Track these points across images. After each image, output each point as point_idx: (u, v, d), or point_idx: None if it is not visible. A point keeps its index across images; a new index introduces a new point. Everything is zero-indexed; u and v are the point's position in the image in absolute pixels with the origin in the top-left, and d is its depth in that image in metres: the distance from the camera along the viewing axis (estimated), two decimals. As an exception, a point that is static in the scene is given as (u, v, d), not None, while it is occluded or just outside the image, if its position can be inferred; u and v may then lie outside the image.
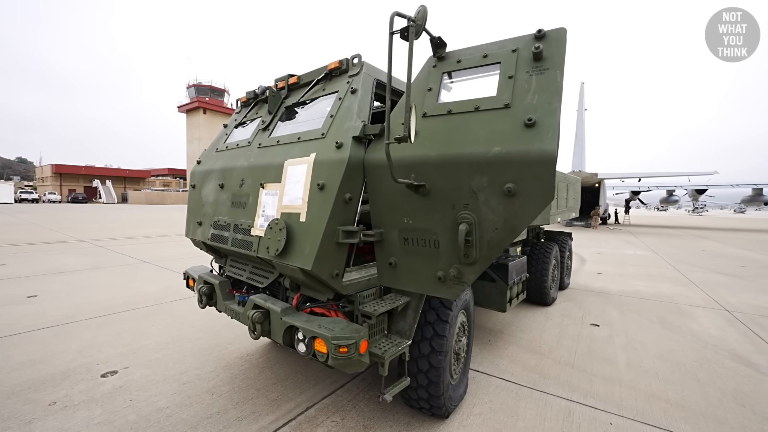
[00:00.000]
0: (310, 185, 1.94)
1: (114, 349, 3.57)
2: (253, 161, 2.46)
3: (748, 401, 2.90)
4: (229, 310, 2.56)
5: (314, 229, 1.87)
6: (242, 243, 2.37)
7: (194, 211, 2.99)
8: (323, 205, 1.86)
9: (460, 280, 1.73)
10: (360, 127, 1.91)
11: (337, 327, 1.86)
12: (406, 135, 1.32)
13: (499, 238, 1.59)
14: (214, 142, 3.19)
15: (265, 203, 2.23)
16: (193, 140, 64.10)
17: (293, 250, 1.96)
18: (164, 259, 8.47)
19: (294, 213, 2.01)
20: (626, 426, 2.57)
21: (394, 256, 1.94)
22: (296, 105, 2.54)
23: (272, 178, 2.23)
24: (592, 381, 3.24)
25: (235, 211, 2.50)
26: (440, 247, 1.76)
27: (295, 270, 1.94)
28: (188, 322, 4.40)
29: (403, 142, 1.37)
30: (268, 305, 2.15)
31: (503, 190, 1.52)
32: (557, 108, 1.47)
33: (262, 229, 2.20)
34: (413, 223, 1.83)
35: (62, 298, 5.25)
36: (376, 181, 1.90)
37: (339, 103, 2.12)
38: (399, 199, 1.84)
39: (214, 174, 2.81)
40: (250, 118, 2.97)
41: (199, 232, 2.86)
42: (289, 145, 2.26)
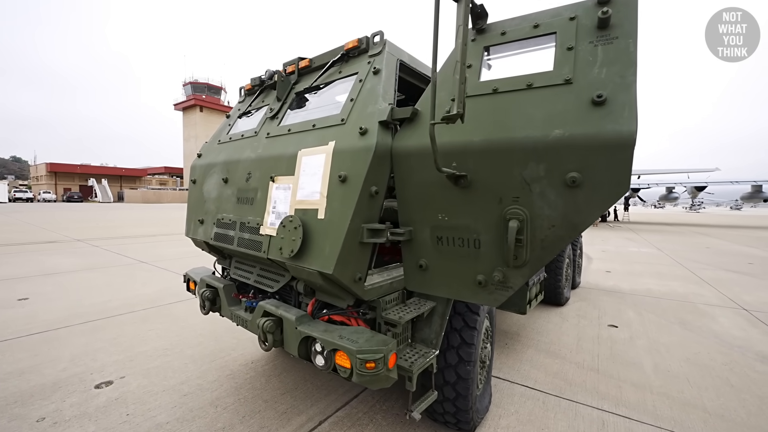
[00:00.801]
0: (330, 177, 1.72)
1: (109, 356, 3.34)
2: (261, 152, 2.23)
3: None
4: (235, 317, 2.34)
5: (335, 228, 1.65)
6: (250, 243, 2.15)
7: (195, 209, 2.76)
8: (346, 200, 1.64)
9: (504, 286, 1.52)
10: (387, 110, 1.68)
11: (361, 338, 1.64)
12: (459, 111, 1.10)
13: (555, 237, 1.37)
14: (216, 134, 2.96)
15: (275, 198, 2.01)
16: (190, 138, 63.51)
17: (310, 251, 1.74)
18: (162, 259, 8.22)
19: (311, 209, 1.78)
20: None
21: (424, 258, 1.72)
22: (308, 90, 2.30)
23: (284, 171, 2.00)
24: (621, 387, 3.05)
25: (242, 207, 2.27)
26: (481, 247, 1.54)
27: (313, 274, 1.72)
28: (188, 325, 4.17)
29: (454, 120, 1.15)
30: (280, 312, 1.93)
31: (565, 180, 1.31)
32: (632, 82, 1.26)
33: (273, 227, 1.98)
34: (449, 220, 1.61)
35: (55, 300, 5.00)
36: (407, 172, 1.68)
37: (360, 85, 1.90)
38: (433, 192, 1.62)
39: (216, 168, 2.58)
40: (255, 107, 2.73)
41: (200, 231, 2.63)
42: (302, 133, 2.03)
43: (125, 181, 64.54)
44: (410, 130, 1.68)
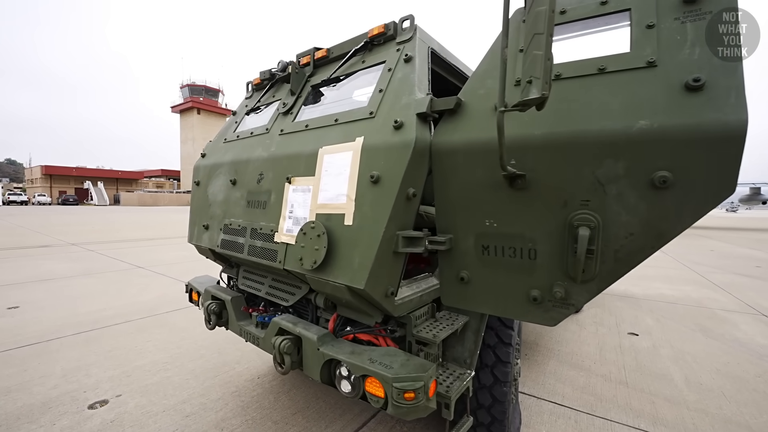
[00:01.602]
0: (359, 178, 1.52)
1: (104, 371, 3.11)
2: (275, 151, 2.02)
3: (841, 428, 2.53)
4: (245, 333, 2.12)
5: (367, 236, 1.45)
6: (263, 252, 1.94)
7: (199, 213, 2.54)
8: (379, 204, 1.44)
9: (565, 303, 1.32)
10: (425, 100, 1.48)
11: (395, 362, 1.44)
12: (544, 94, 0.90)
13: (633, 247, 1.18)
14: (222, 132, 2.75)
15: (292, 202, 1.80)
16: (187, 141, 63.17)
17: (336, 263, 1.54)
18: (159, 264, 7.96)
19: (335, 214, 1.58)
20: (716, 464, 2.18)
21: (466, 270, 1.51)
22: (327, 82, 2.10)
23: (302, 171, 1.80)
24: (655, 403, 2.85)
25: (252, 212, 2.06)
26: (537, 258, 1.35)
27: (340, 288, 1.52)
28: (188, 336, 3.94)
29: (532, 106, 0.94)
30: (298, 331, 1.72)
31: (652, 180, 1.11)
32: (738, 63, 1.08)
33: (290, 234, 1.77)
34: (499, 227, 1.41)
35: (47, 309, 4.75)
36: (449, 172, 1.48)
37: (389, 75, 1.70)
38: (480, 194, 1.42)
39: (223, 168, 2.37)
40: (265, 102, 2.53)
41: (205, 238, 2.42)
42: (322, 129, 1.83)
43: (121, 183, 63.98)
44: (453, 123, 1.48)
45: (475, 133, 1.40)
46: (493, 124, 1.36)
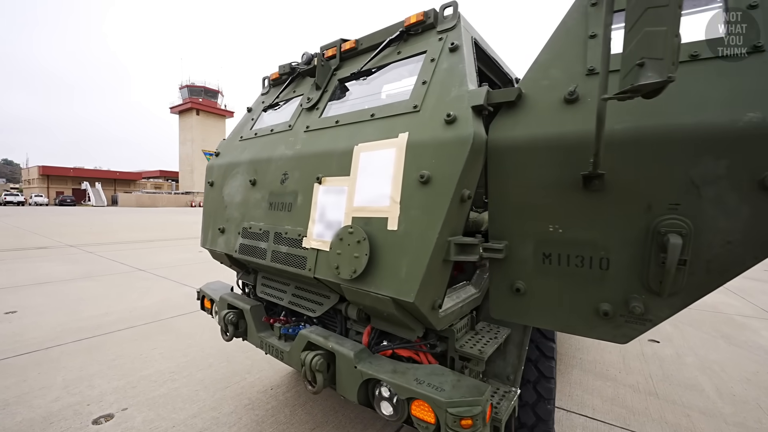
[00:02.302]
0: (404, 178, 1.38)
1: (108, 382, 2.94)
2: (301, 149, 1.88)
3: None
4: (266, 345, 1.97)
5: (416, 242, 1.31)
6: (289, 258, 1.79)
7: (214, 215, 2.39)
8: (431, 207, 1.30)
9: (642, 318, 1.18)
10: (481, 92, 1.34)
11: (445, 383, 1.29)
12: (669, 77, 0.76)
13: (731, 257, 1.04)
14: (237, 130, 2.60)
15: (323, 204, 1.66)
16: (186, 142, 62.95)
17: (379, 272, 1.40)
18: (161, 267, 7.79)
19: (376, 218, 1.44)
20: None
21: (522, 280, 1.37)
22: (357, 75, 1.95)
23: (334, 170, 1.66)
24: (690, 416, 2.71)
25: (276, 215, 1.91)
26: (610, 268, 1.20)
27: (383, 301, 1.37)
28: (195, 343, 3.78)
29: (646, 92, 0.81)
30: (331, 346, 1.57)
31: (763, 181, 0.98)
32: None
33: (321, 240, 1.63)
34: (565, 233, 1.26)
35: (46, 314, 4.58)
36: (508, 171, 1.33)
37: (432, 65, 1.56)
38: (544, 196, 1.28)
39: (240, 167, 2.22)
40: (285, 98, 2.38)
41: (221, 242, 2.26)
42: (356, 125, 1.69)
43: (119, 184, 63.61)
44: (512, 117, 1.34)
45: (541, 127, 1.26)
46: (561, 117, 1.22)
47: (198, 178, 61.52)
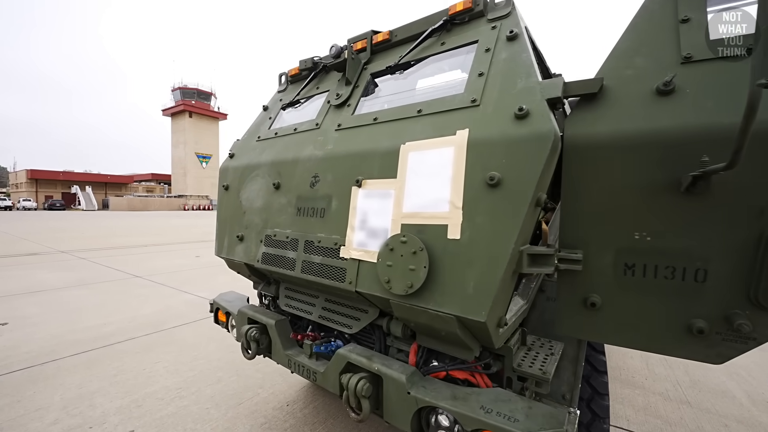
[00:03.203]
0: (467, 180, 1.23)
1: (111, 401, 2.74)
2: (333, 149, 1.72)
3: None
4: (296, 365, 1.80)
5: (485, 253, 1.16)
6: (323, 270, 1.64)
7: (230, 222, 2.22)
8: (503, 213, 1.15)
9: (746, 337, 1.05)
10: (557, 83, 1.20)
11: (517, 411, 1.15)
12: None
13: None
14: (252, 130, 2.44)
15: (364, 209, 1.50)
16: (179, 144, 62.21)
17: (438, 287, 1.26)
18: (158, 273, 7.54)
19: (433, 225, 1.29)
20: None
21: (597, 293, 1.23)
22: (394, 69, 1.80)
23: (376, 172, 1.51)
24: (728, 426, 2.60)
25: (306, 221, 1.75)
26: (708, 279, 1.07)
27: (444, 319, 1.22)
28: (201, 355, 3.58)
29: None
30: (377, 368, 1.41)
31: None
32: None
33: (363, 249, 1.47)
34: (653, 241, 1.13)
35: (40, 325, 4.34)
36: (588, 172, 1.19)
37: (488, 56, 1.42)
38: (631, 200, 1.14)
39: (261, 170, 2.06)
40: (306, 95, 2.23)
41: (239, 251, 2.09)
42: (399, 122, 1.54)
43: (110, 188, 62.55)
44: (593, 111, 1.21)
45: (630, 122, 1.13)
46: (655, 111, 1.08)
47: (191, 182, 60.80)
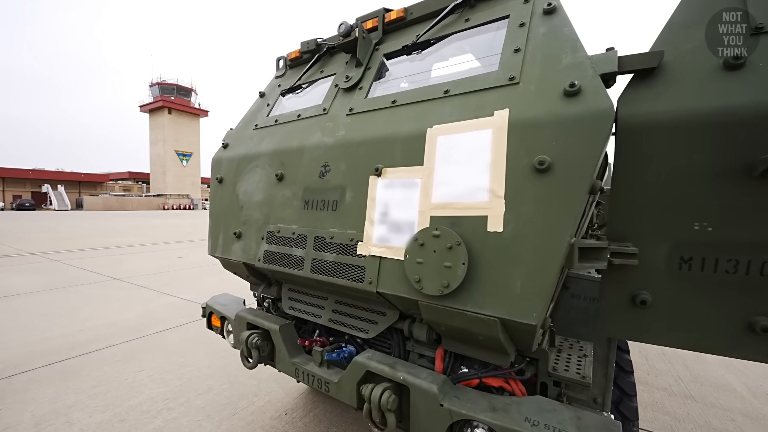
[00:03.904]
0: (509, 165, 1.11)
1: (90, 415, 2.51)
2: (346, 135, 1.57)
3: None
4: (304, 374, 1.63)
5: (535, 248, 1.05)
6: (337, 269, 1.49)
7: (225, 217, 2.03)
8: (557, 202, 1.04)
9: None
10: (612, 57, 1.10)
11: (565, 422, 1.03)
12: None
13: None
14: (248, 118, 2.25)
15: (385, 201, 1.36)
16: (157, 142, 60.14)
17: (478, 286, 1.13)
18: (138, 275, 7.16)
19: (469, 216, 1.16)
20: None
21: (647, 289, 1.13)
22: (411, 48, 1.65)
23: (398, 159, 1.36)
24: (735, 420, 2.60)
25: (315, 215, 1.59)
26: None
27: (486, 323, 1.10)
28: (188, 362, 3.36)
29: None
30: (403, 377, 1.27)
31: None
32: None
33: (386, 245, 1.33)
34: (715, 232, 1.03)
35: (8, 333, 3.99)
36: (645, 155, 1.09)
37: (523, 31, 1.30)
38: (693, 187, 1.04)
39: (260, 160, 1.88)
40: (309, 80, 2.06)
41: (237, 249, 1.91)
42: (422, 104, 1.40)
43: (84, 187, 59.87)
44: (651, 88, 1.10)
45: (695, 100, 1.03)
46: (723, 87, 0.99)
47: (171, 180, 58.91)
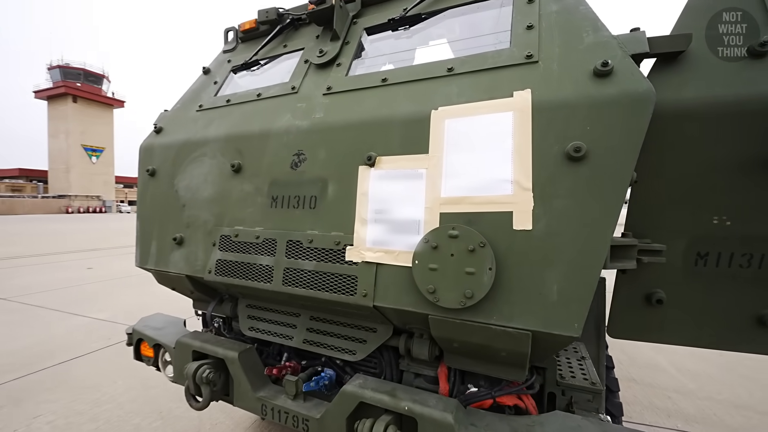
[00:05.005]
0: (535, 153, 0.97)
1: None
2: (325, 118, 1.31)
3: (814, 397, 2.84)
4: (274, 411, 1.30)
5: (572, 247, 0.92)
6: (319, 280, 1.23)
7: (159, 219, 1.61)
8: (596, 195, 0.92)
9: None
10: (641, 36, 1.03)
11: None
12: None
13: None
14: (189, 98, 1.84)
15: (381, 196, 1.14)
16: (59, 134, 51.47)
17: (504, 295, 0.98)
18: (32, 292, 5.87)
19: (490, 213, 1.00)
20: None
21: (662, 287, 1.08)
22: (398, 23, 1.45)
23: (396, 146, 1.16)
24: (671, 398, 2.88)
25: (287, 214, 1.31)
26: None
27: (515, 337, 0.94)
28: (106, 397, 2.74)
29: None
30: (407, 407, 1.05)
31: None
32: None
33: (384, 249, 1.10)
34: (733, 226, 1.01)
35: None
36: (673, 145, 1.03)
37: (533, 7, 1.18)
38: (715, 180, 1.01)
39: (209, 147, 1.52)
40: (269, 55, 1.74)
41: (177, 259, 1.52)
42: (421, 83, 1.21)
43: (-46, 186, 48.74)
44: (677, 74, 1.04)
45: (724, 87, 0.99)
46: (750, 75, 0.96)
47: (76, 179, 50.78)
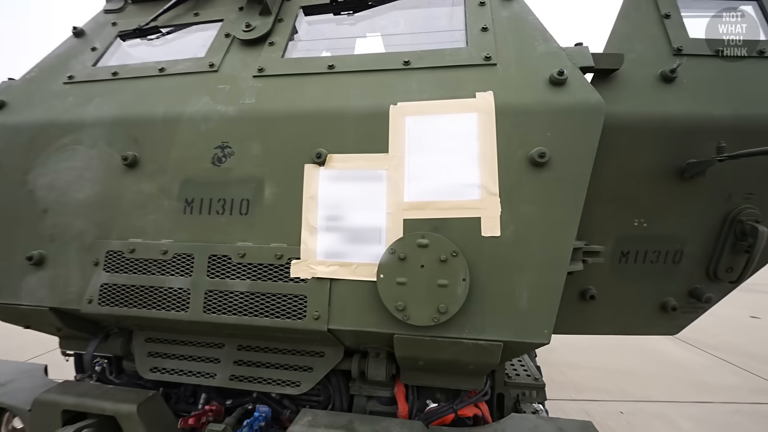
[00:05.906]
0: (500, 157, 0.97)
1: None
2: (258, 105, 1.11)
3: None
4: None
5: (541, 253, 0.94)
6: (256, 303, 1.00)
7: (8, 231, 1.12)
8: (560, 200, 0.96)
9: (698, 307, 1.24)
10: (585, 51, 1.12)
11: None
12: None
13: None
14: (52, 65, 1.37)
15: (333, 200, 1.00)
16: None
17: (477, 307, 0.95)
18: None
19: (456, 219, 0.96)
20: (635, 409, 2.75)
21: (593, 284, 1.22)
22: (339, 6, 1.31)
23: (350, 142, 1.03)
24: (564, 372, 3.38)
25: (208, 222, 1.06)
26: (682, 261, 1.21)
27: (486, 349, 0.93)
28: None
29: None
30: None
31: None
32: None
33: (338, 263, 0.97)
34: (649, 227, 1.19)
35: None
36: (608, 155, 1.13)
37: (484, 10, 1.22)
38: (639, 186, 1.16)
39: (86, 132, 1.13)
40: (174, 22, 1.41)
41: (35, 286, 1.08)
42: (375, 75, 1.13)
43: None
44: (610, 90, 1.16)
45: (647, 105, 1.14)
46: (663, 96, 1.13)
47: None
